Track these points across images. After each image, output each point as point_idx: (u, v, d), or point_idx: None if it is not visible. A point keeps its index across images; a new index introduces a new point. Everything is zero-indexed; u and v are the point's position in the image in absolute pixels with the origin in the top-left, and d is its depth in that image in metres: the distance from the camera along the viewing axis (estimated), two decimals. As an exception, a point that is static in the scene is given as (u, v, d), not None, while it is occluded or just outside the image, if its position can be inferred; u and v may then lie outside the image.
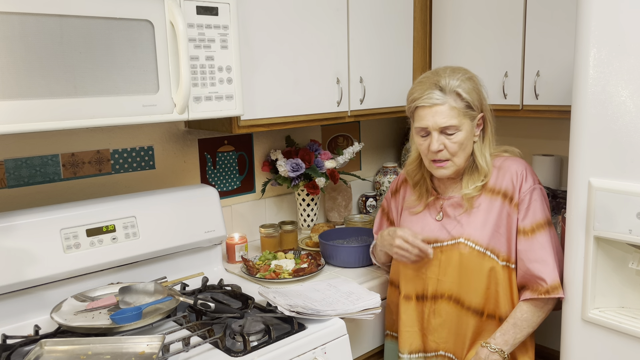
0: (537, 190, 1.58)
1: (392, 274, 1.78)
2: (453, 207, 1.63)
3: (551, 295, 1.51)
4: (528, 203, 1.56)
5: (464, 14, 2.24)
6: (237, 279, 1.90)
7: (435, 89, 1.53)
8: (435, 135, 1.54)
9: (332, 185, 2.50)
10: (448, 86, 1.52)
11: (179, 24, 1.50)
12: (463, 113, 1.53)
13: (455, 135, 1.54)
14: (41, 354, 1.34)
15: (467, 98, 1.53)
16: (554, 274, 1.52)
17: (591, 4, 1.34)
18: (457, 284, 1.59)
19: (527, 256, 1.55)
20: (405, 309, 1.68)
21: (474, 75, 1.59)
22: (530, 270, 1.54)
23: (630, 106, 1.31)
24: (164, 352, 1.33)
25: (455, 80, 1.53)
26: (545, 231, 1.55)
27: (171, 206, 1.83)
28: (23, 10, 1.28)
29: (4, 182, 1.72)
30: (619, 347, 1.40)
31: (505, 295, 1.57)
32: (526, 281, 1.56)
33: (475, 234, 1.57)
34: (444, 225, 1.63)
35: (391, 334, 1.80)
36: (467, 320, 1.60)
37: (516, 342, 1.55)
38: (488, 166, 1.60)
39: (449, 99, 1.52)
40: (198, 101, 1.62)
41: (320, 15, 2.00)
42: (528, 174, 1.59)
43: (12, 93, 1.29)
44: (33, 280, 1.55)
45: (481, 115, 1.58)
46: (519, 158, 1.64)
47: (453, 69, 1.58)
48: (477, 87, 1.57)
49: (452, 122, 1.52)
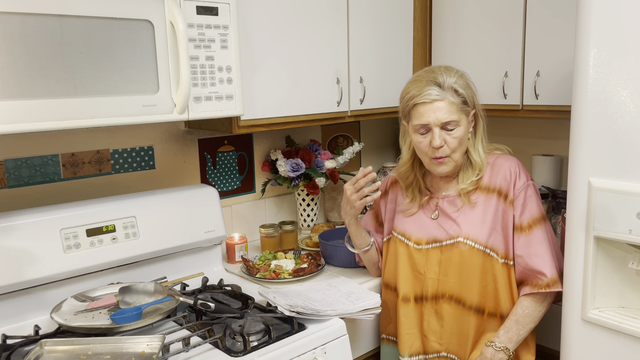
0: (530, 186, 1.61)
1: (387, 277, 1.76)
2: (449, 205, 1.64)
3: (551, 289, 1.53)
4: (524, 199, 1.58)
5: (464, 14, 2.24)
6: (237, 279, 1.90)
7: (433, 86, 1.55)
8: (436, 131, 1.55)
9: (332, 185, 2.50)
10: (445, 83, 1.55)
11: (179, 24, 1.50)
12: (460, 109, 1.56)
13: (455, 130, 1.56)
14: (41, 354, 1.33)
15: (463, 94, 1.56)
16: (552, 268, 1.55)
17: (591, 4, 1.34)
18: (458, 284, 1.59)
19: (526, 252, 1.56)
20: (404, 311, 1.67)
21: (464, 72, 1.63)
22: (530, 265, 1.55)
23: (630, 106, 1.31)
24: (164, 352, 1.33)
25: (451, 77, 1.56)
26: (541, 226, 1.58)
27: (171, 206, 1.83)
28: (23, 10, 1.28)
29: (4, 182, 1.72)
30: (619, 347, 1.40)
31: (505, 292, 1.58)
32: (526, 276, 1.57)
33: (474, 232, 1.58)
34: (440, 224, 1.63)
35: (387, 337, 1.78)
36: (468, 320, 1.60)
37: (520, 338, 1.56)
38: (482, 161, 1.62)
39: (448, 94, 1.54)
40: (198, 101, 1.62)
41: (320, 15, 2.00)
42: (521, 171, 1.61)
43: (12, 93, 1.29)
44: (33, 280, 1.55)
45: (474, 112, 1.61)
46: (510, 155, 1.67)
47: (445, 67, 1.61)
48: (469, 84, 1.61)
49: (452, 117, 1.54)
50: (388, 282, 1.75)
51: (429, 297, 1.63)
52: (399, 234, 1.70)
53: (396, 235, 1.70)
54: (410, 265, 1.65)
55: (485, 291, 1.58)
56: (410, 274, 1.66)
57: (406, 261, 1.66)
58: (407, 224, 1.69)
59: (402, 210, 1.73)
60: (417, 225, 1.66)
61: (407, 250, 1.66)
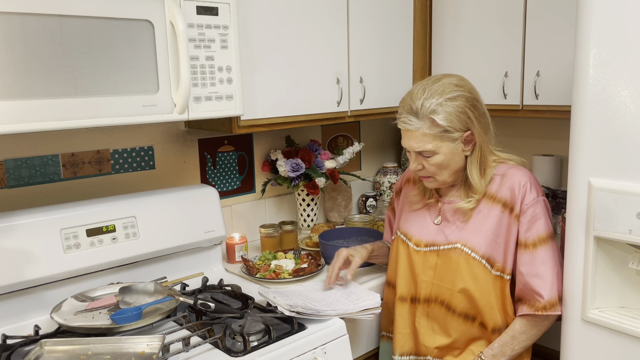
0: (540, 203, 1.53)
1: (389, 274, 1.77)
2: (452, 213, 1.61)
3: (548, 312, 1.50)
4: (532, 216, 1.52)
5: (464, 14, 2.24)
6: (237, 279, 1.90)
7: (410, 114, 1.49)
8: (413, 156, 1.54)
9: (332, 185, 2.50)
10: (421, 111, 1.46)
11: (179, 24, 1.50)
12: (439, 137, 1.47)
13: (432, 158, 1.51)
14: (41, 354, 1.33)
15: (441, 124, 1.46)
16: (552, 290, 1.50)
17: (591, 4, 1.34)
18: (449, 290, 1.57)
19: (527, 270, 1.52)
20: (400, 311, 1.67)
21: (462, 90, 1.49)
22: (529, 284, 1.52)
23: (630, 106, 1.31)
24: (164, 352, 1.33)
25: (432, 103, 1.45)
26: (547, 246, 1.52)
27: (171, 206, 1.83)
28: (23, 10, 1.28)
29: (4, 182, 1.72)
30: (619, 347, 1.40)
31: (497, 305, 1.55)
32: (524, 295, 1.54)
33: (473, 240, 1.55)
34: (442, 229, 1.62)
35: (386, 334, 1.80)
36: (456, 326, 1.59)
37: (514, 353, 1.54)
38: (478, 184, 1.54)
39: (423, 125, 1.47)
40: (198, 101, 1.62)
41: (321, 15, 2.00)
42: (532, 186, 1.54)
43: (12, 93, 1.29)
44: (33, 280, 1.55)
45: (468, 133, 1.50)
46: (524, 168, 1.59)
47: (437, 86, 1.49)
48: (461, 108, 1.47)
49: (426, 147, 1.49)
50: (390, 280, 1.76)
51: (421, 299, 1.62)
52: (402, 233, 1.70)
53: (399, 235, 1.71)
54: (409, 266, 1.65)
55: (475, 301, 1.55)
56: (408, 275, 1.66)
57: (405, 261, 1.66)
58: (411, 224, 1.68)
59: (409, 200, 1.72)
60: (419, 227, 1.66)
61: (407, 251, 1.66)
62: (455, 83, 1.50)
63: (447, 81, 1.51)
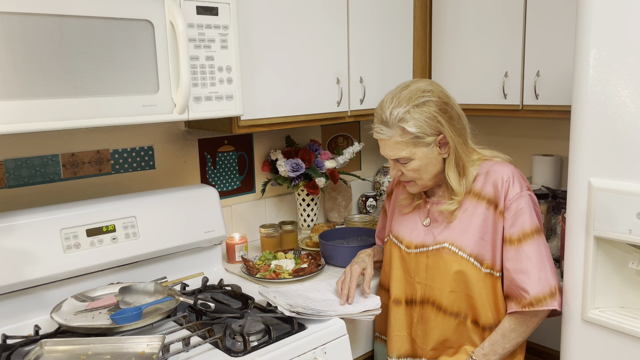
0: (524, 197, 1.52)
1: (382, 277, 1.77)
2: (439, 213, 1.61)
3: (535, 307, 1.48)
4: (515, 211, 1.51)
5: (464, 14, 2.24)
6: (237, 279, 1.90)
7: (381, 123, 1.51)
8: (391, 163, 1.56)
9: (332, 185, 2.50)
10: (390, 119, 1.48)
11: (179, 24, 1.50)
12: (412, 143, 1.48)
13: (409, 164, 1.52)
14: (41, 354, 1.33)
15: (412, 131, 1.46)
16: (538, 286, 1.48)
17: (591, 4, 1.34)
18: (440, 290, 1.57)
19: (512, 266, 1.51)
20: (395, 313, 1.66)
21: (431, 95, 1.48)
22: (515, 280, 1.51)
23: (630, 106, 1.31)
24: (164, 352, 1.33)
25: (400, 111, 1.46)
26: (532, 240, 1.50)
27: (171, 206, 1.83)
28: (23, 10, 1.28)
29: (4, 182, 1.72)
30: (619, 347, 1.40)
31: (488, 303, 1.55)
32: (511, 291, 1.53)
33: (460, 239, 1.54)
34: (430, 230, 1.61)
35: (380, 336, 1.79)
36: (449, 326, 1.58)
37: (505, 352, 1.54)
38: (456, 186, 1.54)
39: (394, 133, 1.48)
40: (198, 101, 1.62)
41: (321, 15, 2.00)
42: (515, 180, 1.52)
43: (12, 93, 1.29)
44: (33, 280, 1.55)
45: (441, 137, 1.49)
46: (508, 163, 1.58)
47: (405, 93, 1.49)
48: (430, 113, 1.47)
49: (400, 154, 1.50)
50: (382, 283, 1.76)
51: (417, 301, 1.62)
52: (394, 236, 1.70)
53: (391, 238, 1.71)
54: (403, 269, 1.65)
55: (466, 300, 1.55)
56: (402, 277, 1.65)
57: (399, 264, 1.66)
58: (402, 227, 1.68)
59: (399, 205, 1.73)
60: (409, 229, 1.66)
61: (399, 254, 1.66)
62: (423, 89, 1.50)
63: (415, 87, 1.50)
